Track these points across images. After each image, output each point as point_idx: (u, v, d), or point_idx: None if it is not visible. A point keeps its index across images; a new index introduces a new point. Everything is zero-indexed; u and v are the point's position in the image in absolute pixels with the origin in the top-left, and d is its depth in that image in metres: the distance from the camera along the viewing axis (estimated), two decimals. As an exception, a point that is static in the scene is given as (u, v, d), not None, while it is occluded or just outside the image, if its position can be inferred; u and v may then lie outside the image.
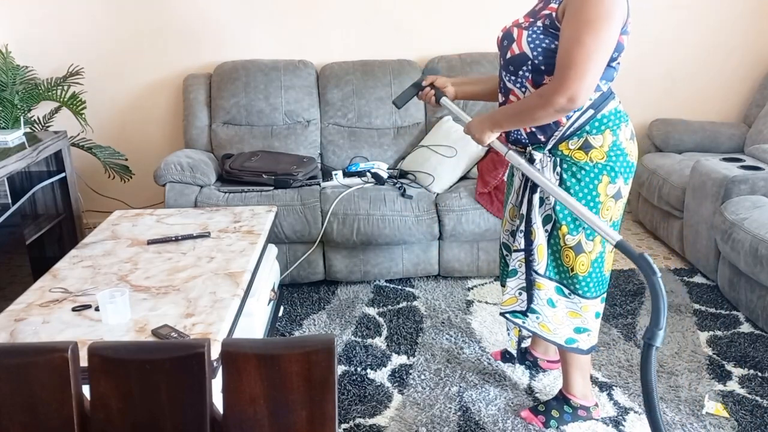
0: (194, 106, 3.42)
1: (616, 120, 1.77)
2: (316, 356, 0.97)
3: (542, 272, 1.89)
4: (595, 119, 1.75)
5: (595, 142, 1.76)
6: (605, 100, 1.76)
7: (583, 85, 1.59)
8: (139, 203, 3.74)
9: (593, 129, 1.75)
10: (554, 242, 1.85)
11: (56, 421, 0.99)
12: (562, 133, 1.77)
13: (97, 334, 1.66)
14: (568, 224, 1.81)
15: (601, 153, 1.76)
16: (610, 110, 1.76)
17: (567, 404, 2.07)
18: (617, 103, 1.79)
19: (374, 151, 3.39)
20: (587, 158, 1.76)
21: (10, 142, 2.87)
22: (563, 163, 1.79)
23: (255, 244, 2.23)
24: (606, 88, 1.76)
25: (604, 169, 1.76)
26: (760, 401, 2.16)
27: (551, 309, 1.92)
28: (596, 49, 1.58)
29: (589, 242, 1.83)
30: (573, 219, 1.80)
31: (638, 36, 3.64)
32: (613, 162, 1.77)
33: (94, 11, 3.48)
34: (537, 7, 1.79)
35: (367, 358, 2.47)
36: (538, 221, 1.85)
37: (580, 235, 1.82)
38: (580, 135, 1.76)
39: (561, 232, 1.82)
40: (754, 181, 2.82)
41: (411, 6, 3.55)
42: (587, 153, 1.76)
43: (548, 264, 1.88)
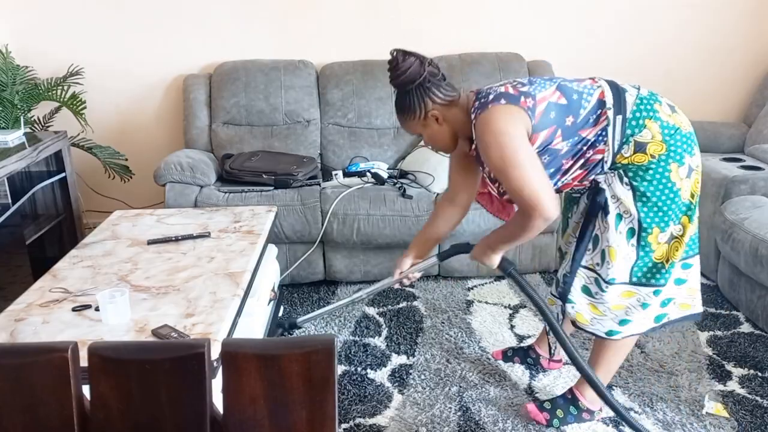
0: (194, 106, 3.42)
1: (647, 105, 1.75)
2: (316, 356, 0.97)
3: (627, 280, 1.84)
4: (629, 121, 1.74)
5: (644, 138, 1.73)
6: (620, 100, 1.74)
7: (542, 203, 1.63)
8: (139, 203, 3.74)
9: (634, 129, 1.73)
10: (647, 250, 1.80)
11: (56, 421, 0.99)
12: (611, 152, 1.76)
13: (97, 334, 1.66)
14: (658, 224, 1.77)
15: (657, 144, 1.73)
16: (634, 102, 1.75)
17: (574, 405, 2.06)
18: (636, 92, 1.77)
19: (374, 151, 3.39)
20: (648, 157, 1.73)
21: (10, 142, 2.87)
22: (628, 172, 1.76)
23: (255, 244, 2.23)
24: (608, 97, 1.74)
25: (668, 158, 1.73)
26: (760, 401, 2.16)
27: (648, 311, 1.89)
28: (525, 172, 1.63)
29: (677, 226, 1.79)
30: (660, 218, 1.76)
31: (638, 36, 3.65)
32: (673, 145, 1.74)
33: (93, 11, 3.47)
34: (486, 170, 1.91)
35: (367, 358, 2.47)
36: (620, 239, 1.80)
37: (669, 227, 1.78)
38: (628, 142, 1.74)
39: (652, 237, 1.78)
40: (754, 181, 2.82)
41: (411, 6, 3.55)
42: (645, 152, 1.73)
43: (638, 273, 1.83)
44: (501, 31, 3.61)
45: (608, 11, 3.61)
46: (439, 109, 1.79)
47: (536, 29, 3.61)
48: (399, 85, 1.78)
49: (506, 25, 3.61)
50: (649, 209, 1.76)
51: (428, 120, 1.79)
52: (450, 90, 1.80)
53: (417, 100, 1.77)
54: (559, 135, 1.73)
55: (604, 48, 3.64)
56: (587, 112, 1.73)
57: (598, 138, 1.74)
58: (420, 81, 1.74)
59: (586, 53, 3.63)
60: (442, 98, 1.78)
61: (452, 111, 1.80)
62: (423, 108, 1.77)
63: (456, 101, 1.80)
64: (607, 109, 1.73)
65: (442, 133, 1.82)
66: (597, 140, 1.75)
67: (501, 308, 2.83)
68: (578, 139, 1.74)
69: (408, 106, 1.79)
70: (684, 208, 1.78)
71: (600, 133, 1.74)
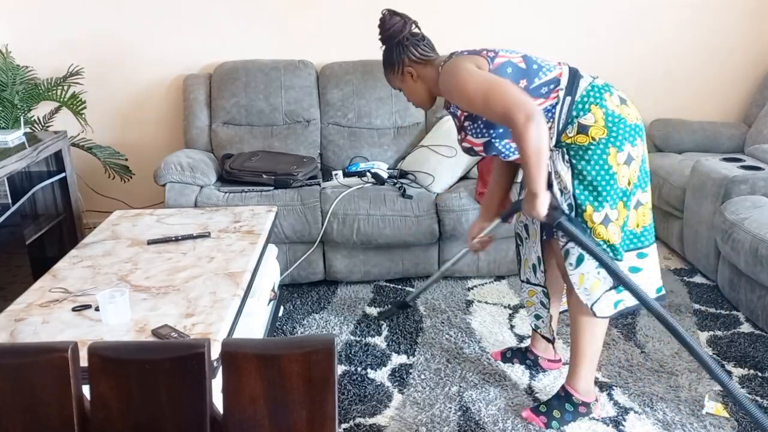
0: (194, 106, 3.42)
1: (596, 94, 1.85)
2: (316, 356, 0.97)
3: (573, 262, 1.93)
4: (576, 103, 1.84)
5: (588, 121, 1.83)
6: (574, 84, 1.85)
7: (516, 102, 1.69)
8: (139, 203, 3.74)
9: (579, 112, 1.84)
10: (582, 227, 1.88)
11: (56, 421, 0.99)
12: (556, 129, 1.86)
13: (97, 334, 1.66)
14: (591, 203, 1.85)
15: (599, 129, 1.83)
16: (586, 89, 1.85)
17: (569, 401, 2.07)
18: (590, 80, 1.88)
19: (374, 151, 3.39)
20: (589, 139, 1.83)
21: (10, 142, 2.87)
22: (569, 151, 1.86)
23: (255, 244, 2.23)
24: (564, 78, 1.85)
25: (608, 142, 1.83)
26: (760, 401, 2.16)
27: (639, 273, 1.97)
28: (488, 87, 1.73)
29: (614, 211, 1.87)
30: (595, 197, 1.85)
31: (638, 36, 3.65)
32: (615, 132, 1.83)
33: (93, 11, 3.47)
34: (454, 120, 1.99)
35: (367, 357, 2.47)
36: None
37: (605, 209, 1.86)
38: (572, 122, 1.85)
39: (587, 214, 1.86)
40: (754, 181, 2.82)
41: (411, 6, 3.54)
42: (587, 134, 1.83)
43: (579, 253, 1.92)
44: (501, 31, 3.61)
45: (608, 11, 3.61)
46: (415, 66, 1.94)
47: (536, 29, 3.61)
48: (384, 40, 1.95)
49: (506, 25, 3.61)
50: (584, 188, 1.85)
51: (405, 76, 1.96)
52: (428, 50, 1.95)
53: (396, 56, 1.94)
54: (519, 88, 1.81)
55: (604, 48, 3.64)
56: (541, 83, 1.84)
57: (547, 113, 1.84)
58: (399, 39, 1.93)
59: (586, 53, 3.63)
60: (417, 56, 1.94)
61: (427, 69, 1.94)
62: (401, 64, 1.94)
63: (432, 61, 1.95)
64: (559, 88, 1.84)
65: (418, 90, 1.98)
66: (545, 115, 1.83)
67: (501, 308, 2.83)
68: None
69: (389, 61, 1.97)
70: (620, 193, 1.86)
71: (549, 109, 1.84)
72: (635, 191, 1.90)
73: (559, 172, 1.88)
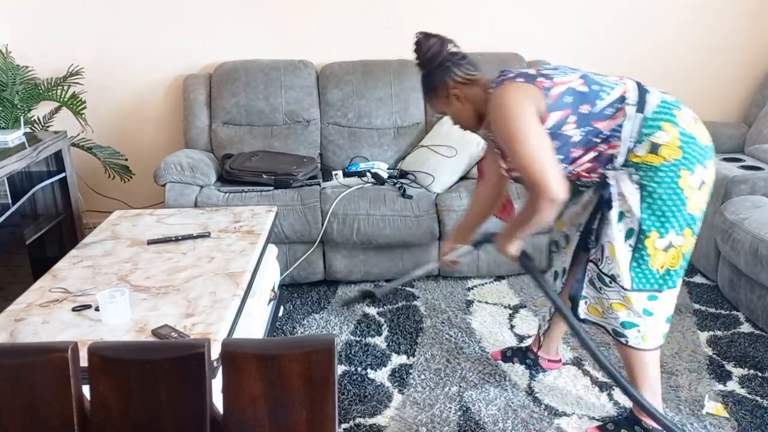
0: (194, 106, 3.42)
1: (668, 109, 1.75)
2: (316, 356, 0.97)
3: (628, 287, 1.81)
4: (647, 120, 1.73)
5: (660, 139, 1.72)
6: (643, 98, 1.74)
7: (549, 183, 1.64)
8: (139, 203, 3.74)
9: (651, 129, 1.73)
10: (642, 253, 1.78)
11: (56, 421, 0.99)
12: (625, 147, 1.75)
13: (97, 334, 1.66)
14: (657, 229, 1.75)
15: (672, 149, 1.72)
16: (657, 104, 1.75)
17: (638, 425, 1.96)
18: (660, 95, 1.77)
19: (374, 151, 3.39)
20: (661, 159, 1.72)
21: (10, 142, 2.87)
22: (639, 171, 1.75)
23: (255, 244, 2.23)
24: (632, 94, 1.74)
25: (680, 164, 1.72)
26: (760, 401, 2.16)
27: (649, 318, 1.84)
28: (531, 148, 1.66)
29: (679, 237, 1.77)
30: (662, 223, 1.74)
31: (638, 36, 3.65)
32: (688, 153, 1.73)
33: (93, 11, 3.47)
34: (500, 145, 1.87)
35: (367, 357, 2.47)
36: (618, 237, 1.79)
37: (669, 235, 1.76)
38: (642, 141, 1.73)
39: (649, 240, 1.76)
40: (754, 181, 2.82)
41: (411, 6, 3.55)
42: (658, 154, 1.72)
43: (634, 277, 1.80)
44: (501, 31, 3.61)
45: (608, 11, 3.61)
46: (460, 87, 1.84)
47: (536, 29, 3.61)
48: (422, 65, 1.86)
49: (506, 25, 3.61)
50: (652, 212, 1.74)
51: (450, 99, 1.86)
52: (471, 69, 1.85)
53: (438, 79, 1.84)
54: (572, 121, 1.72)
55: (604, 48, 3.64)
56: (605, 104, 1.73)
57: (613, 132, 1.74)
58: (440, 60, 1.82)
59: (586, 53, 3.63)
60: (462, 77, 1.83)
61: (473, 90, 1.84)
62: (445, 86, 1.84)
63: (477, 80, 1.85)
64: (626, 104, 1.73)
65: (465, 112, 1.88)
66: (611, 135, 1.74)
67: (501, 308, 2.83)
68: (592, 129, 1.74)
69: (431, 86, 1.87)
70: (689, 219, 1.76)
71: (615, 128, 1.74)
72: (701, 217, 1.80)
73: (623, 193, 1.76)
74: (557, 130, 1.72)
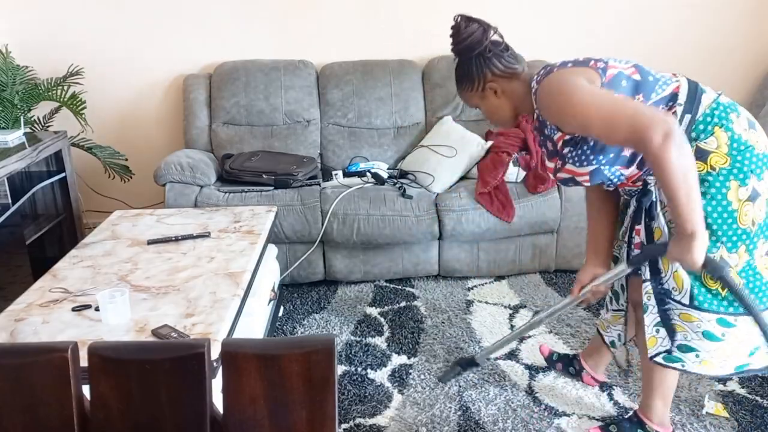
0: (194, 106, 3.42)
1: (722, 113, 1.57)
2: (316, 356, 0.97)
3: (687, 302, 1.64)
4: (697, 123, 1.57)
5: (709, 146, 1.55)
6: (695, 100, 1.58)
7: (648, 117, 1.43)
8: (139, 203, 3.74)
9: (699, 134, 1.57)
10: (693, 273, 1.61)
11: (56, 421, 0.99)
12: None
13: (97, 334, 1.66)
14: None
15: (721, 156, 1.55)
16: (709, 105, 1.58)
17: (642, 429, 1.90)
18: (714, 95, 1.59)
19: (374, 151, 3.39)
20: (707, 167, 1.55)
21: (10, 142, 2.87)
22: None
23: (255, 244, 2.23)
24: (683, 92, 1.58)
25: (730, 174, 1.54)
26: (760, 401, 2.16)
27: (715, 342, 1.65)
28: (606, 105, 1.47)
29: (732, 255, 1.58)
30: (708, 237, 1.53)
31: (639, 36, 3.65)
32: (740, 162, 1.54)
33: (93, 11, 3.47)
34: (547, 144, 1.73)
35: (367, 358, 2.47)
36: None
37: (719, 251, 1.58)
38: (690, 145, 1.52)
39: None
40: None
41: (411, 6, 3.55)
42: (706, 162, 1.55)
43: (696, 293, 1.63)
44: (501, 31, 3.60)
45: (608, 11, 3.61)
46: (498, 81, 1.70)
47: (536, 29, 3.61)
48: (459, 52, 1.69)
49: (506, 25, 3.59)
50: None
51: (486, 92, 1.71)
52: (513, 62, 1.70)
53: (476, 70, 1.68)
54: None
55: (604, 48, 3.64)
56: (659, 99, 1.57)
57: None
58: (480, 50, 1.66)
59: (586, 53, 3.61)
60: (502, 69, 1.68)
61: (512, 84, 1.70)
62: (482, 79, 1.69)
63: (518, 74, 1.70)
64: (677, 104, 1.57)
65: (501, 108, 1.73)
66: None
67: (501, 308, 2.83)
68: None
69: (467, 76, 1.70)
70: (742, 234, 1.57)
71: None
72: (762, 232, 1.59)
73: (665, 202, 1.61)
74: None
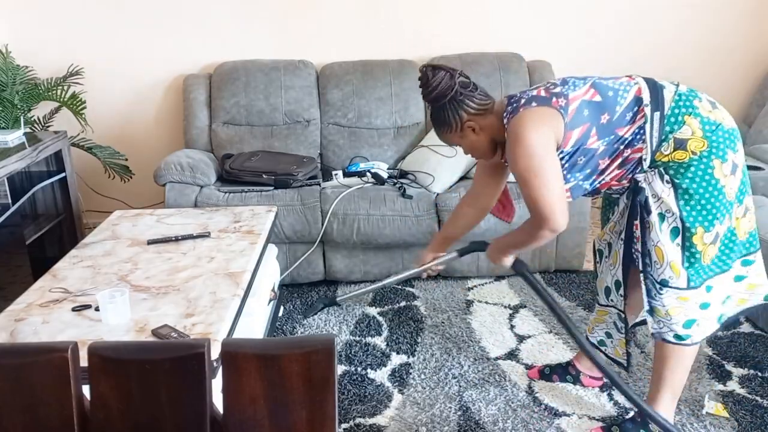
0: (194, 106, 3.42)
1: (686, 102, 1.70)
2: (316, 356, 0.97)
3: (684, 286, 1.76)
4: (667, 117, 1.70)
5: (684, 134, 1.68)
6: (658, 97, 1.71)
7: (553, 217, 1.66)
8: (139, 203, 3.74)
9: (673, 126, 1.69)
10: (692, 251, 1.72)
11: (56, 421, 0.99)
12: (649, 149, 1.71)
13: (97, 334, 1.66)
14: (701, 224, 1.70)
15: (698, 141, 1.67)
16: (673, 98, 1.71)
17: (645, 428, 1.94)
18: (674, 88, 1.73)
19: (374, 151, 3.39)
20: (689, 154, 1.68)
21: (10, 142, 2.87)
22: (669, 170, 1.71)
23: (255, 244, 2.23)
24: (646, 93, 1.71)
25: (710, 154, 1.67)
26: (760, 401, 2.16)
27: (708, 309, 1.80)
28: (544, 185, 1.65)
29: (723, 226, 1.73)
30: (704, 216, 1.69)
31: (638, 36, 3.65)
32: (715, 141, 1.68)
33: (93, 11, 3.48)
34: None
35: (367, 357, 2.47)
36: (664, 239, 1.73)
37: (716, 227, 1.71)
38: (667, 140, 1.69)
39: (697, 237, 1.70)
40: (754, 181, 2.81)
41: (411, 6, 3.55)
42: (686, 149, 1.68)
43: (690, 275, 1.75)
44: (501, 32, 3.61)
45: (608, 11, 3.61)
46: (474, 119, 1.77)
47: (536, 29, 3.62)
48: (432, 100, 1.77)
49: (506, 25, 3.61)
50: (692, 208, 1.69)
51: (465, 131, 1.79)
52: (483, 98, 1.78)
53: (451, 114, 1.76)
54: (594, 133, 1.70)
55: (604, 48, 3.64)
56: (623, 109, 1.70)
57: (636, 136, 1.71)
58: (452, 95, 1.74)
59: (586, 53, 3.63)
60: (475, 108, 1.76)
61: (488, 119, 1.79)
62: (459, 120, 1.77)
63: (491, 108, 1.79)
64: (644, 106, 1.69)
65: (480, 142, 1.81)
66: (634, 139, 1.71)
67: (501, 308, 2.83)
68: (615, 137, 1.70)
69: (445, 121, 1.78)
70: (729, 206, 1.71)
71: (637, 132, 1.70)
72: (742, 198, 1.75)
73: (659, 194, 1.71)
74: (582, 146, 1.71)
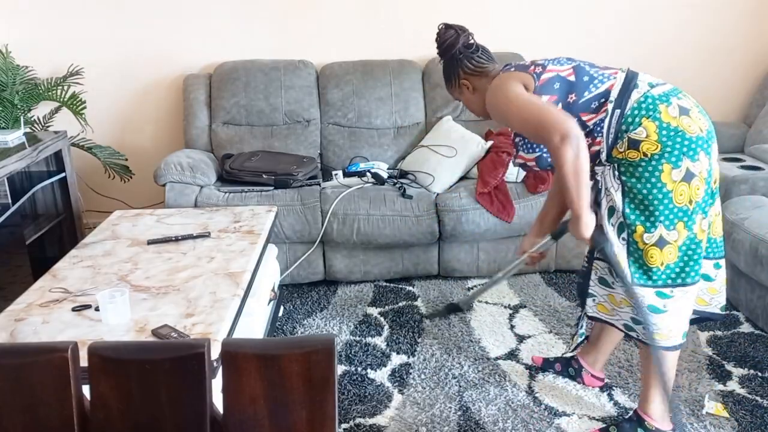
0: (194, 106, 3.42)
1: (650, 105, 1.74)
2: (316, 356, 0.97)
3: (628, 281, 1.81)
4: (626, 117, 1.74)
5: (638, 135, 1.72)
6: (625, 96, 1.75)
7: (552, 120, 1.66)
8: (139, 203, 3.74)
9: (629, 126, 1.74)
10: (634, 248, 1.78)
11: (56, 421, 0.99)
12: (606, 144, 1.77)
13: (97, 334, 1.66)
14: (642, 223, 1.75)
15: (652, 144, 1.71)
16: (637, 100, 1.75)
17: (642, 427, 1.95)
18: (645, 90, 1.76)
19: (374, 151, 3.39)
20: (640, 154, 1.73)
21: (10, 142, 2.87)
22: (620, 167, 1.77)
23: (255, 244, 2.23)
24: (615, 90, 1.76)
25: (662, 158, 1.71)
26: (760, 401, 2.16)
27: (659, 315, 1.82)
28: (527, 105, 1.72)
29: (671, 232, 1.75)
30: (647, 217, 1.74)
31: (638, 36, 3.65)
32: (669, 147, 1.71)
33: (93, 11, 3.47)
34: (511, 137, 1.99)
35: (367, 357, 2.47)
36: (611, 232, 1.80)
37: (658, 230, 1.74)
38: (621, 137, 1.75)
39: (637, 234, 1.76)
40: (754, 181, 2.82)
41: (411, 6, 3.55)
42: (638, 149, 1.73)
43: (634, 272, 1.80)
44: (501, 31, 3.61)
45: (608, 11, 3.61)
46: (470, 78, 1.93)
47: (536, 29, 3.61)
48: (440, 54, 1.96)
49: (506, 25, 3.61)
50: (635, 206, 1.75)
51: (462, 88, 1.95)
52: (483, 61, 1.92)
53: (451, 69, 1.95)
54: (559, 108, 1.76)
55: (604, 48, 3.64)
56: (592, 96, 1.77)
57: (596, 128, 1.77)
58: (453, 52, 1.92)
59: (586, 53, 3.63)
60: (472, 69, 1.91)
61: (482, 81, 1.92)
62: (456, 77, 1.94)
63: (488, 72, 1.92)
64: (609, 101, 1.76)
65: (475, 101, 1.96)
66: (594, 130, 1.77)
67: (501, 308, 2.83)
68: (578, 121, 1.75)
69: (446, 75, 1.98)
70: (678, 212, 1.73)
71: (599, 123, 1.77)
72: (701, 209, 1.76)
73: (609, 189, 1.79)
74: None
